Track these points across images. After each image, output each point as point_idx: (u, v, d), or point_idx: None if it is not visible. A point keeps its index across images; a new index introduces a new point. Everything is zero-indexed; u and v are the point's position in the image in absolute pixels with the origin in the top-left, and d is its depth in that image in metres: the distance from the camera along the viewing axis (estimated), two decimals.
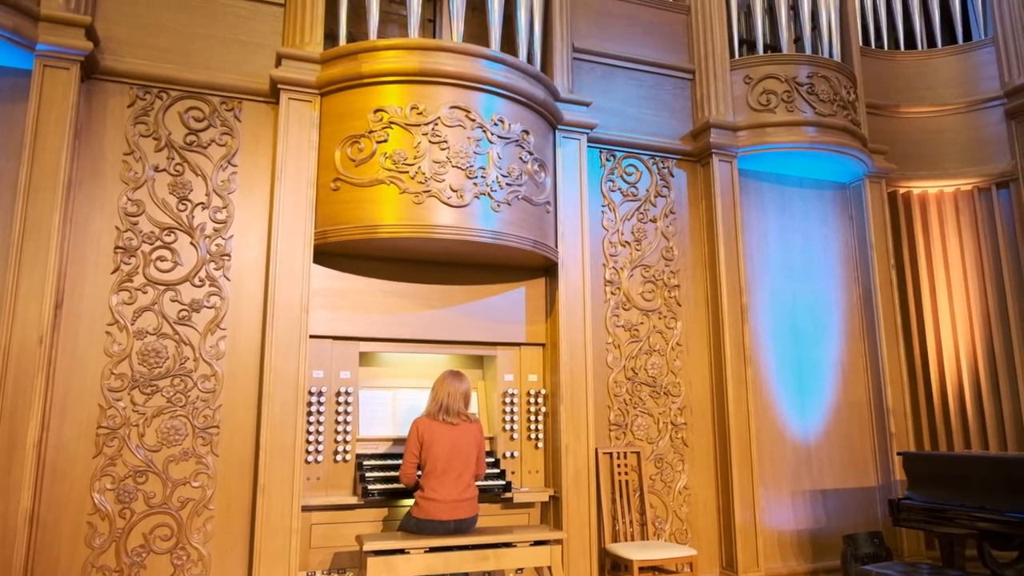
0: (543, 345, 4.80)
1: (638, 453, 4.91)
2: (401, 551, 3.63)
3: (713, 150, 5.32)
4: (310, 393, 4.17)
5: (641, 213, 5.28)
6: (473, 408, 4.58)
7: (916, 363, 6.02)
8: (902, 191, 6.30)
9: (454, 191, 4.11)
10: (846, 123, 5.57)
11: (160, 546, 3.85)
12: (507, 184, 4.30)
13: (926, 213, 6.27)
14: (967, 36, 6.63)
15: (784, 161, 5.61)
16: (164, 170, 4.15)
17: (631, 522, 4.76)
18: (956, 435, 5.91)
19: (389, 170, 4.07)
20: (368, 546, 3.59)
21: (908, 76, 6.50)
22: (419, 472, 3.92)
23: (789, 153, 5.48)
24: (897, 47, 6.69)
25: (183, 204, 4.15)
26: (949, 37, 6.69)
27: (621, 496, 4.77)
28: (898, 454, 5.17)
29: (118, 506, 3.81)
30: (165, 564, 3.84)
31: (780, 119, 5.43)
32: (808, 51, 5.73)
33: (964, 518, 4.14)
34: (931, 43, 6.65)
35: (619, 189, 5.26)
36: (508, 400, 4.64)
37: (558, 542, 3.94)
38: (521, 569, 4.43)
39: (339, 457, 4.21)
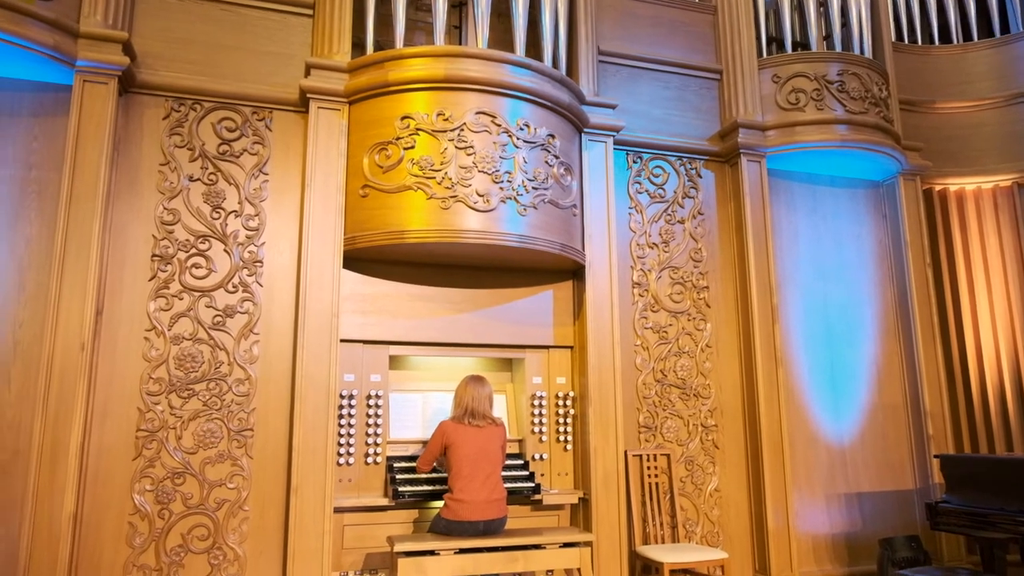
0: (571, 348, 4.80)
1: (668, 455, 4.89)
2: (431, 552, 3.67)
3: (741, 150, 5.28)
4: (341, 396, 4.23)
5: (669, 215, 5.26)
6: (499, 411, 4.62)
7: (955, 364, 5.88)
8: (938, 188, 6.17)
9: (481, 196, 4.14)
10: (878, 120, 5.48)
11: (197, 546, 3.94)
12: (533, 188, 4.32)
13: (963, 210, 6.13)
14: (1004, 28, 6.48)
15: (815, 160, 5.54)
16: (198, 179, 4.26)
17: (661, 524, 4.74)
18: (997, 437, 5.76)
19: (416, 176, 4.12)
20: (399, 547, 3.63)
21: (943, 71, 6.37)
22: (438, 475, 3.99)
23: (820, 152, 5.41)
24: (931, 41, 6.56)
25: (217, 212, 4.26)
26: (986, 30, 6.54)
27: (651, 498, 4.75)
28: (935, 456, 5.07)
29: (157, 507, 3.92)
30: (203, 564, 3.93)
31: (810, 118, 5.37)
32: (838, 48, 5.66)
33: (1005, 522, 4.04)
34: (967, 36, 6.51)
35: (646, 191, 5.24)
36: (537, 403, 4.65)
37: (588, 544, 3.95)
38: (551, 571, 4.44)
39: (370, 459, 4.26)
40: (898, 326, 5.73)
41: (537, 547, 3.85)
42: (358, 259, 4.36)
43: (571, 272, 4.85)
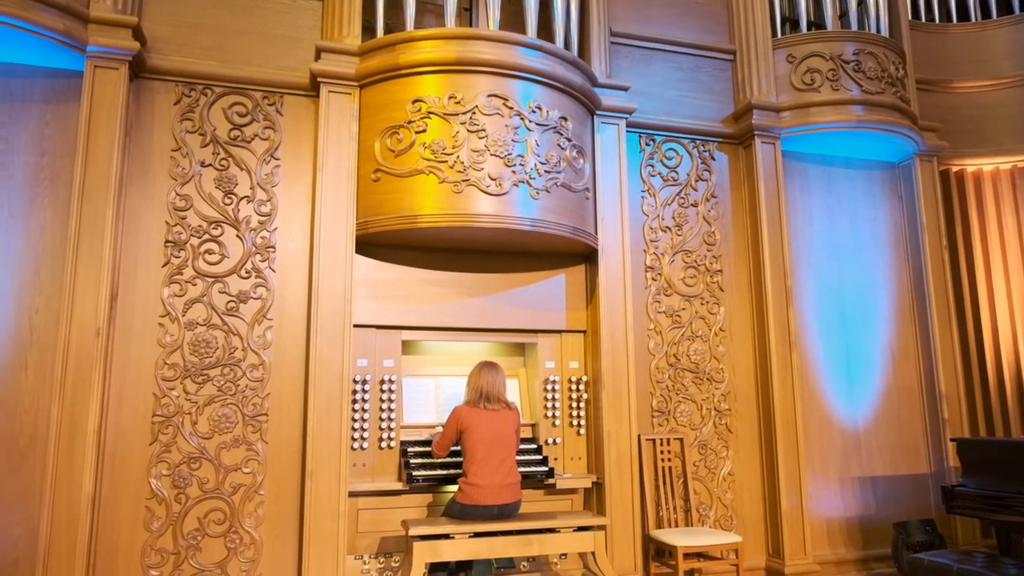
0: (584, 332, 4.79)
1: (681, 439, 4.88)
2: (446, 536, 3.68)
3: (755, 132, 5.22)
4: (355, 381, 4.24)
5: (682, 198, 5.22)
6: (512, 396, 4.61)
7: (970, 347, 5.83)
8: (955, 169, 6.09)
9: (493, 179, 4.11)
10: (895, 100, 5.40)
11: (214, 530, 3.97)
12: (546, 171, 4.29)
13: (980, 191, 6.06)
14: None
15: (830, 141, 5.47)
16: (210, 165, 4.25)
17: (675, 508, 4.74)
18: (1013, 420, 5.72)
19: (428, 160, 4.10)
20: (414, 531, 3.65)
21: (961, 49, 6.26)
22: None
23: (835, 133, 5.34)
24: (949, 19, 6.45)
25: (229, 198, 4.25)
26: (1005, 6, 6.42)
27: (664, 482, 4.75)
28: (951, 440, 5.03)
29: (174, 491, 3.95)
30: (219, 547, 3.97)
31: (825, 98, 5.29)
32: (854, 27, 5.57)
33: (1022, 505, 4.01)
34: (985, 14, 6.40)
35: (659, 174, 5.20)
36: (550, 387, 4.65)
37: (601, 528, 3.95)
38: (565, 554, 4.46)
39: (384, 444, 4.28)
40: (913, 309, 5.68)
41: (551, 531, 3.86)
42: (370, 244, 4.35)
43: (583, 256, 4.83)
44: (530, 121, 4.27)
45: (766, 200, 5.18)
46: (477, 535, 3.73)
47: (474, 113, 4.15)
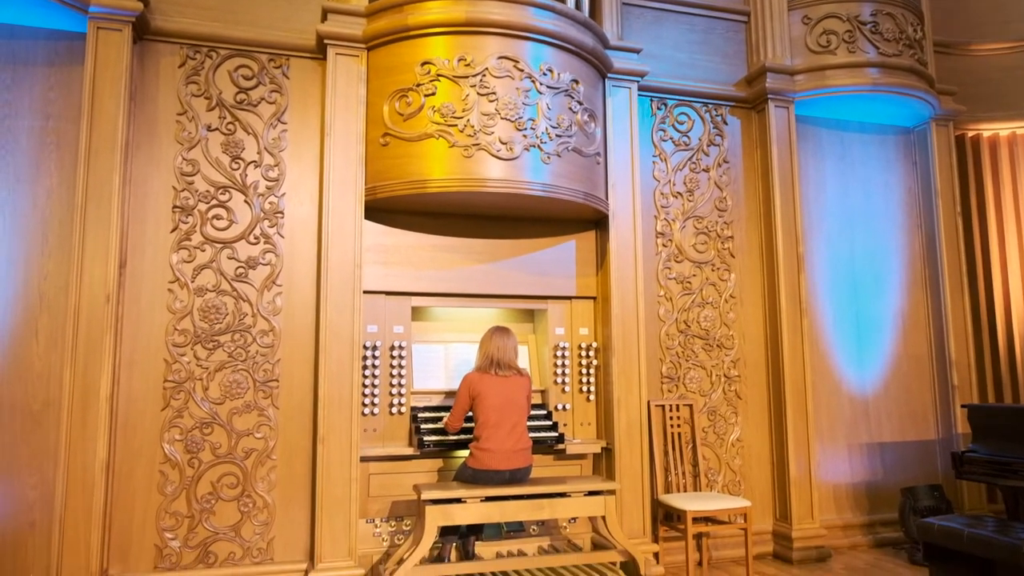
0: (594, 298, 4.76)
1: (691, 406, 4.88)
2: (458, 500, 3.71)
3: (769, 96, 5.13)
4: (365, 347, 4.23)
5: (693, 163, 5.15)
6: (522, 362, 4.61)
7: (981, 314, 5.80)
8: (970, 134, 6.00)
9: (503, 144, 4.05)
10: (912, 63, 5.29)
11: (227, 494, 4.01)
12: (557, 135, 4.22)
13: (996, 156, 5.97)
14: None
15: (844, 106, 5.38)
16: (216, 129, 4.20)
17: (683, 474, 4.77)
18: (1022, 387, 5.72)
19: (438, 124, 4.04)
20: (426, 495, 3.67)
21: (980, 10, 6.12)
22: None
23: (850, 97, 5.25)
24: None
25: (236, 163, 4.20)
26: None
27: (673, 448, 4.77)
28: (962, 406, 5.03)
29: (187, 456, 3.97)
30: (233, 511, 4.01)
31: (841, 61, 5.19)
32: None
33: None
34: None
35: (671, 138, 5.12)
36: (559, 353, 4.64)
37: (611, 492, 3.97)
38: (574, 519, 4.49)
39: (394, 410, 4.29)
40: (925, 276, 5.64)
41: (562, 495, 3.88)
42: (379, 209, 4.31)
43: (594, 222, 4.78)
44: (541, 84, 4.19)
45: (779, 165, 5.11)
46: (489, 499, 3.75)
47: (484, 75, 4.08)
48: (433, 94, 4.07)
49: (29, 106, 3.97)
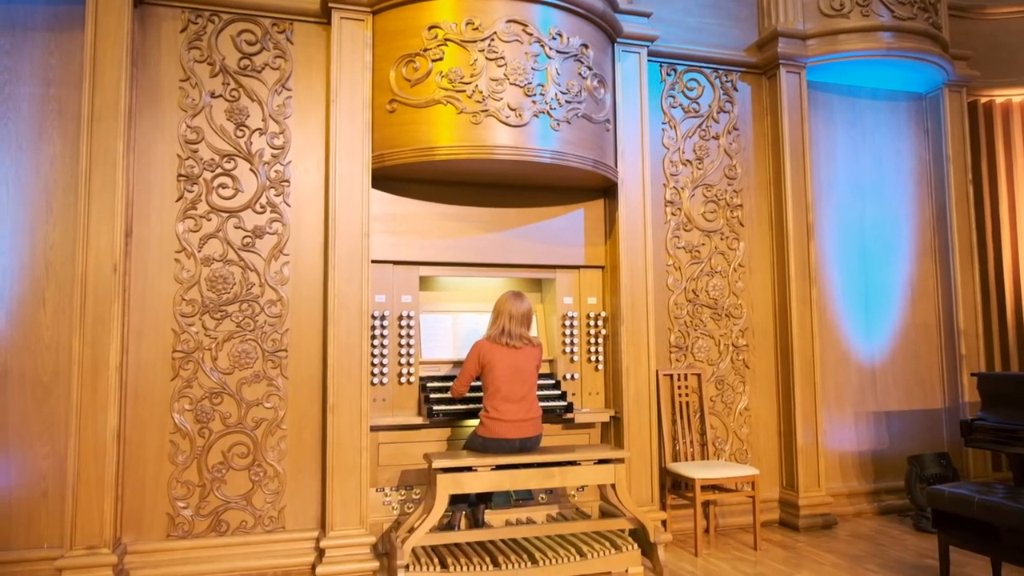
0: (602, 268, 4.73)
1: (699, 375, 4.88)
2: (469, 469, 3.72)
3: (780, 61, 5.04)
4: (373, 317, 4.21)
5: (703, 130, 5.08)
6: (535, 331, 4.60)
7: (990, 282, 5.77)
8: (983, 100, 5.91)
9: (512, 110, 3.99)
10: (926, 27, 5.19)
11: (238, 463, 4.02)
12: (566, 101, 4.15)
13: (1008, 123, 5.89)
14: None
15: (857, 71, 5.29)
16: (220, 96, 4.13)
17: (691, 442, 4.78)
18: None
19: (446, 89, 3.97)
20: (437, 463, 3.68)
21: None
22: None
23: (862, 62, 5.15)
24: None
25: (241, 130, 4.14)
26: None
27: (681, 417, 4.78)
28: (972, 375, 5.03)
29: (197, 425, 3.97)
30: (244, 480, 4.02)
31: (854, 24, 5.08)
32: None
33: None
34: None
35: (680, 105, 5.05)
36: (568, 323, 4.62)
37: (621, 461, 3.98)
38: (583, 487, 4.52)
39: (403, 379, 4.28)
40: (935, 245, 5.60)
41: (572, 463, 3.89)
42: (386, 178, 4.26)
43: (602, 190, 4.73)
44: (550, 48, 4.11)
45: (789, 132, 5.05)
46: (499, 468, 3.76)
47: (492, 40, 4.00)
48: (441, 59, 3.99)
49: (30, 72, 3.90)
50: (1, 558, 3.65)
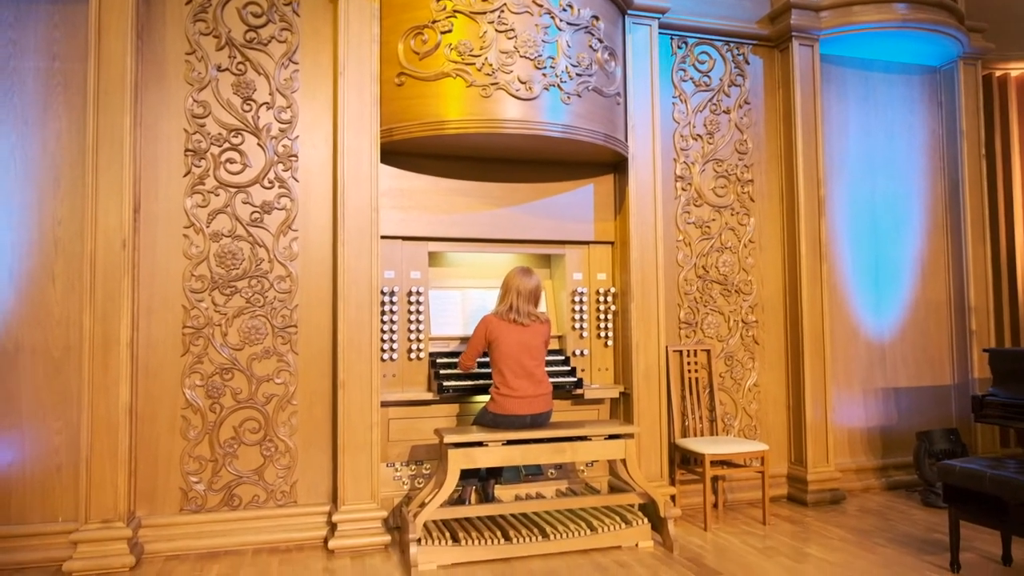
0: (612, 243, 4.70)
1: (708, 351, 4.87)
2: (481, 444, 3.73)
3: (793, 33, 4.96)
4: (382, 293, 4.20)
5: (714, 104, 5.02)
6: (544, 307, 4.59)
7: (1001, 258, 5.73)
8: (998, 74, 5.82)
9: (523, 83, 3.94)
10: None
11: (249, 438, 4.03)
12: (577, 74, 4.10)
13: (1023, 97, 5.80)
14: None
15: (870, 44, 5.21)
16: (227, 69, 4.08)
17: (700, 418, 4.78)
18: None
19: (455, 62, 3.91)
20: (449, 439, 3.68)
21: None
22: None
23: (876, 34, 5.06)
24: None
25: (248, 104, 4.10)
26: None
27: (691, 393, 4.78)
28: (984, 351, 5.01)
29: (208, 401, 3.98)
30: (255, 455, 4.04)
31: None
32: None
33: None
34: None
35: (691, 79, 4.98)
36: (577, 299, 4.61)
37: (631, 436, 3.99)
38: (592, 463, 4.53)
39: (413, 355, 4.28)
40: (947, 221, 5.56)
41: (583, 439, 3.90)
42: (394, 152, 4.22)
43: (612, 165, 4.69)
44: (561, 20, 4.05)
45: (801, 106, 4.98)
46: (511, 443, 3.77)
47: (502, 11, 3.93)
48: (449, 31, 3.93)
49: (34, 46, 3.85)
50: (17, 532, 3.68)
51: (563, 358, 4.55)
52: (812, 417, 4.86)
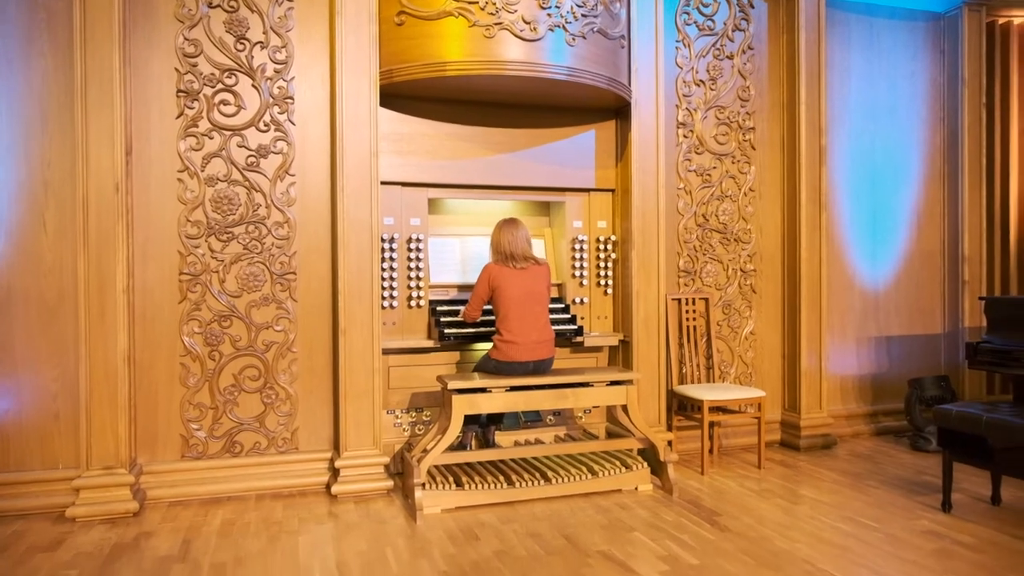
0: (612, 191, 4.65)
1: (706, 299, 4.89)
2: (484, 390, 3.73)
3: None
4: (382, 240, 4.14)
5: (717, 49, 4.92)
6: (539, 253, 4.56)
7: (995, 208, 5.75)
8: (1001, 21, 5.75)
9: (527, 23, 3.82)
10: None
11: (250, 385, 4.01)
12: (582, 15, 3.98)
13: None
14: None
15: None
16: (218, 6, 3.92)
17: (698, 366, 4.82)
18: None
19: (457, 0, 3.78)
20: (453, 385, 3.68)
21: None
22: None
23: None
24: None
25: (241, 43, 3.95)
26: None
27: (688, 341, 4.80)
28: (980, 299, 5.07)
29: (207, 348, 3.94)
30: (256, 402, 4.02)
31: None
32: None
33: None
34: None
35: (695, 22, 4.87)
36: (577, 247, 4.58)
37: (632, 382, 4.01)
38: (590, 409, 4.57)
39: (413, 303, 4.25)
40: (944, 170, 5.56)
41: (585, 385, 3.92)
42: (394, 95, 4.11)
43: (614, 111, 4.61)
44: None
45: (806, 53, 4.90)
46: (513, 389, 3.78)
47: None
48: None
49: None
50: (18, 478, 3.66)
51: (563, 306, 4.55)
52: (807, 365, 4.92)
